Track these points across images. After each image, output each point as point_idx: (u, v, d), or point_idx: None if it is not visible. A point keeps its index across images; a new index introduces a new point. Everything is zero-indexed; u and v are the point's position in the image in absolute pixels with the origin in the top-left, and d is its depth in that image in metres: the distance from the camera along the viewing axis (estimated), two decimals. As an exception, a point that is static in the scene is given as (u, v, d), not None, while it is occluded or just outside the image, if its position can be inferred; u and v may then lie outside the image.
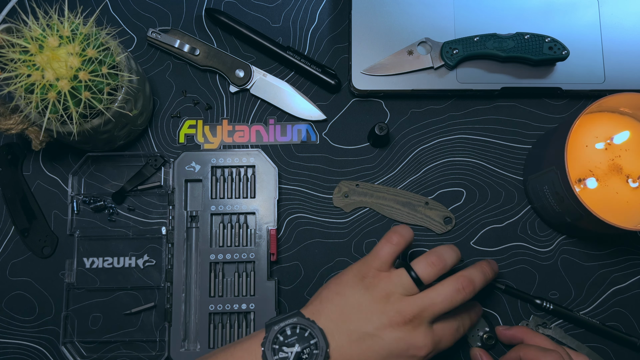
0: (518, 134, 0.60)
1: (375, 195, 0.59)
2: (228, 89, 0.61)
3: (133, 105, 0.53)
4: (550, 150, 0.52)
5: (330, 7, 0.63)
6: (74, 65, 0.46)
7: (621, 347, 0.56)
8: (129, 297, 0.57)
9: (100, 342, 0.56)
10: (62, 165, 0.60)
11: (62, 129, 0.50)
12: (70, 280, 0.57)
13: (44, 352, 0.56)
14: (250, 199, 0.57)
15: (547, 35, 0.58)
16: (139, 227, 0.58)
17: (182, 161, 0.58)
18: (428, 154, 0.60)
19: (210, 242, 0.56)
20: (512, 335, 0.53)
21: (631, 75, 0.59)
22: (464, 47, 0.58)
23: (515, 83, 0.59)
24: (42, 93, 0.46)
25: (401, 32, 0.60)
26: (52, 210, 0.59)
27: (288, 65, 0.61)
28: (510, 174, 0.60)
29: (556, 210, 0.54)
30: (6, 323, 0.57)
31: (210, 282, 0.56)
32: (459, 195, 0.59)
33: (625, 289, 0.57)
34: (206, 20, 0.62)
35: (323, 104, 0.61)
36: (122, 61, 0.51)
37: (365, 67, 0.59)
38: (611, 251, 0.58)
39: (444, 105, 0.61)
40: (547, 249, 0.58)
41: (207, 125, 0.61)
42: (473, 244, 0.58)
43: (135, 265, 0.58)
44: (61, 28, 0.47)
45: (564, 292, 0.57)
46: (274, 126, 0.61)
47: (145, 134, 0.60)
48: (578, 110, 0.59)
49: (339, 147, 0.60)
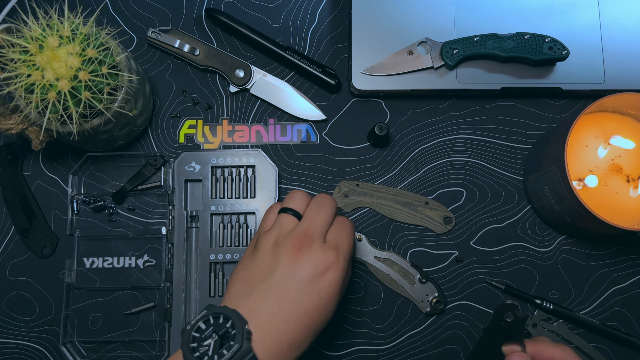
0: (518, 134, 0.60)
1: (375, 195, 0.59)
2: (228, 89, 0.61)
3: (133, 105, 0.53)
4: (550, 150, 0.52)
5: (330, 7, 0.63)
6: (74, 65, 0.46)
7: (621, 347, 0.56)
8: (129, 297, 0.57)
9: (100, 342, 0.56)
10: (62, 165, 0.60)
11: (62, 129, 0.50)
12: (70, 280, 0.57)
13: (44, 352, 0.56)
14: (250, 199, 0.57)
15: (547, 35, 0.58)
16: (139, 227, 0.58)
17: (182, 161, 0.58)
18: (428, 154, 0.60)
19: (210, 242, 0.56)
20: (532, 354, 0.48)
21: (631, 75, 0.59)
22: (464, 47, 0.58)
23: (515, 83, 0.59)
24: (42, 93, 0.46)
25: (401, 32, 0.60)
26: (52, 210, 0.59)
27: (288, 65, 0.61)
28: (510, 174, 0.60)
29: (556, 210, 0.54)
30: (6, 323, 0.57)
31: (210, 282, 0.56)
32: (459, 195, 0.59)
33: (625, 289, 0.57)
34: (206, 20, 0.62)
35: (323, 104, 0.61)
36: (122, 61, 0.51)
37: (365, 67, 0.59)
38: (611, 251, 0.58)
39: (444, 105, 0.61)
40: (547, 249, 0.58)
41: (207, 125, 0.61)
42: (473, 244, 0.58)
43: (135, 265, 0.58)
44: (61, 28, 0.47)
45: (564, 292, 0.57)
46: (274, 126, 0.61)
47: (145, 134, 0.60)
48: (578, 110, 0.59)
49: (339, 147, 0.60)
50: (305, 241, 0.45)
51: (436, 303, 0.56)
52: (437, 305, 0.56)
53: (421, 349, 0.56)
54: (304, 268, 0.44)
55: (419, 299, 0.56)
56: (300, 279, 0.44)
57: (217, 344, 0.41)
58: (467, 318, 0.57)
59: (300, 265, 0.44)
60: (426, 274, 0.56)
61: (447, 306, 0.57)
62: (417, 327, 0.57)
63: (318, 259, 0.44)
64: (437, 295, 0.56)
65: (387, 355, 0.56)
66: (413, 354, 0.56)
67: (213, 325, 0.42)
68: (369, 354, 0.56)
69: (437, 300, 0.56)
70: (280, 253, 0.45)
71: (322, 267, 0.44)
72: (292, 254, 0.44)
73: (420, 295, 0.56)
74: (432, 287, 0.56)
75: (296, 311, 0.43)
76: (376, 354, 0.56)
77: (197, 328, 0.43)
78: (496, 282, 0.57)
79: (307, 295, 0.43)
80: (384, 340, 0.57)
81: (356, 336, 0.57)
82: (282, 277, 0.44)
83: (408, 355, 0.56)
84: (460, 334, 0.57)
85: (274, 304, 0.43)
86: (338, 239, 0.47)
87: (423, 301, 0.56)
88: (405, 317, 0.57)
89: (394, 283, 0.57)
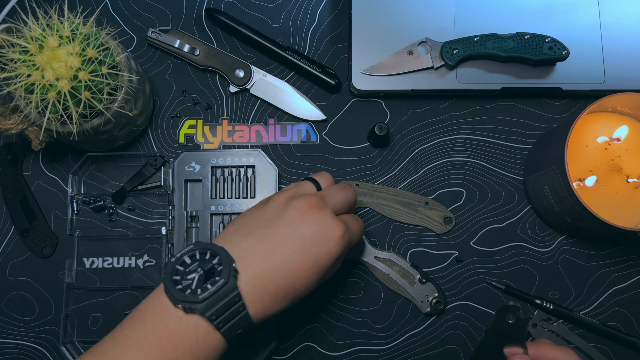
0: (518, 134, 0.60)
1: (375, 195, 0.59)
2: (228, 89, 0.61)
3: (133, 105, 0.53)
4: (550, 150, 0.52)
5: (330, 7, 0.63)
6: (74, 65, 0.46)
7: (621, 347, 0.56)
8: (129, 297, 0.57)
9: (100, 342, 0.56)
10: (62, 165, 0.60)
11: (62, 129, 0.50)
12: (70, 280, 0.57)
13: (44, 352, 0.56)
14: (250, 199, 0.57)
15: (547, 35, 0.58)
16: (139, 227, 0.58)
17: (182, 161, 0.58)
18: (428, 154, 0.60)
19: (210, 242, 0.56)
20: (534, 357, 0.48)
21: (631, 75, 0.59)
22: (464, 47, 0.58)
23: (515, 83, 0.59)
24: (42, 93, 0.46)
25: (401, 32, 0.60)
26: (52, 210, 0.59)
27: (288, 65, 0.61)
28: (510, 174, 0.60)
29: (556, 210, 0.54)
30: (6, 323, 0.57)
31: (210, 282, 0.56)
32: (459, 195, 0.59)
33: (625, 289, 0.57)
34: (206, 20, 0.62)
35: (323, 104, 0.61)
36: (122, 61, 0.51)
37: (365, 67, 0.59)
38: (611, 251, 0.58)
39: (444, 105, 0.61)
40: (547, 249, 0.58)
41: (207, 125, 0.61)
42: (473, 244, 0.58)
43: (135, 266, 0.58)
44: (61, 28, 0.47)
45: (564, 292, 0.57)
46: (274, 126, 0.61)
47: (145, 134, 0.60)
48: (578, 110, 0.59)
49: (339, 147, 0.60)
50: (318, 203, 0.44)
51: (436, 303, 0.56)
52: (437, 305, 0.56)
53: (421, 349, 0.56)
54: (309, 226, 0.43)
55: (418, 299, 0.56)
56: (302, 235, 0.43)
57: (202, 278, 0.40)
58: (467, 318, 0.57)
59: (307, 222, 0.43)
60: (426, 274, 0.56)
61: (447, 306, 0.57)
62: (417, 327, 0.57)
63: (326, 223, 0.44)
64: (437, 295, 0.56)
65: (387, 355, 0.56)
66: (413, 354, 0.56)
67: (199, 261, 0.41)
68: (369, 354, 0.56)
69: (437, 301, 0.56)
70: (291, 205, 0.44)
71: (326, 233, 0.43)
72: (303, 210, 0.44)
73: (420, 296, 0.56)
74: (432, 287, 0.56)
75: (288, 263, 0.42)
76: (376, 354, 0.56)
77: (181, 262, 0.41)
78: (496, 282, 0.57)
79: (303, 253, 0.42)
80: (384, 340, 0.57)
81: (356, 336, 0.57)
82: (286, 227, 0.43)
83: (408, 356, 0.56)
84: (460, 334, 0.57)
85: (269, 249, 0.42)
86: (350, 222, 0.47)
87: (423, 301, 0.56)
88: (405, 317, 0.57)
89: (394, 283, 0.57)
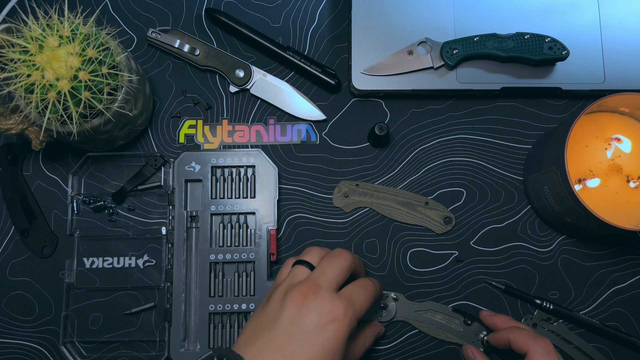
0: (518, 134, 0.60)
1: (375, 195, 0.59)
2: (228, 89, 0.61)
3: (133, 105, 0.53)
4: (550, 150, 0.52)
5: (330, 7, 0.63)
6: (74, 65, 0.46)
7: (621, 347, 0.56)
8: (129, 297, 0.57)
9: (100, 342, 0.56)
10: (62, 165, 0.60)
11: (62, 129, 0.50)
12: (70, 280, 0.57)
13: (44, 352, 0.56)
14: (250, 199, 0.57)
15: (547, 35, 0.58)
16: (139, 227, 0.58)
17: (182, 161, 0.58)
18: (428, 154, 0.60)
19: (210, 242, 0.56)
20: (493, 324, 0.53)
21: (631, 75, 0.59)
22: (464, 47, 0.58)
23: (515, 83, 0.59)
24: (42, 93, 0.46)
25: (401, 32, 0.60)
26: (52, 210, 0.59)
27: (288, 65, 0.61)
28: (510, 174, 0.60)
29: (556, 210, 0.54)
30: (6, 323, 0.57)
31: (210, 282, 0.56)
32: (459, 195, 0.59)
33: (625, 289, 0.57)
34: (206, 20, 0.62)
35: (323, 104, 0.61)
36: (122, 61, 0.51)
37: (365, 67, 0.59)
38: (611, 251, 0.58)
39: (444, 105, 0.61)
40: (547, 249, 0.58)
41: (207, 125, 0.61)
42: (473, 244, 0.58)
43: (135, 265, 0.58)
44: (61, 28, 0.47)
45: (564, 292, 0.57)
46: (274, 126, 0.61)
47: (145, 134, 0.60)
48: (578, 110, 0.59)
49: (339, 147, 0.60)
50: (312, 289, 0.44)
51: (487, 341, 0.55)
52: (487, 343, 0.55)
53: (421, 349, 0.56)
54: (308, 316, 0.43)
55: (469, 341, 0.55)
56: (305, 327, 0.43)
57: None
58: (467, 318, 0.57)
59: (305, 312, 0.43)
60: (470, 315, 0.56)
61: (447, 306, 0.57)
62: (417, 327, 0.57)
63: (325, 307, 0.44)
64: (485, 333, 0.55)
65: (387, 355, 0.56)
66: (413, 354, 0.56)
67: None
68: (369, 353, 0.56)
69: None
70: (287, 300, 0.44)
71: (327, 317, 0.43)
72: (299, 302, 0.44)
73: (471, 337, 0.55)
74: (478, 327, 0.55)
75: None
76: (376, 354, 0.56)
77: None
78: (496, 282, 0.57)
79: (310, 344, 0.42)
80: (384, 340, 0.57)
81: (356, 336, 0.57)
82: (287, 324, 0.43)
83: (408, 356, 0.56)
84: (460, 334, 0.57)
85: (277, 351, 0.42)
86: (353, 294, 0.46)
87: (474, 342, 0.55)
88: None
89: (442, 332, 0.56)
